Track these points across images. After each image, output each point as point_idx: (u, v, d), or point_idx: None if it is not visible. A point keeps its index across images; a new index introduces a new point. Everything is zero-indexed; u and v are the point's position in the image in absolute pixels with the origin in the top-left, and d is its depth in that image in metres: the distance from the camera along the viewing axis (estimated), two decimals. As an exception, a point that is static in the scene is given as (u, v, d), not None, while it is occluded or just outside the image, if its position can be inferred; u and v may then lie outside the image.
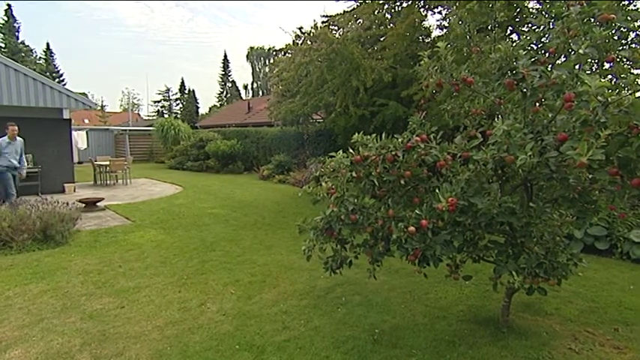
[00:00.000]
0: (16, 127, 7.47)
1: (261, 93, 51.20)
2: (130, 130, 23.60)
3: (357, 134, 3.16)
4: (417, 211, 2.77)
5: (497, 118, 2.70)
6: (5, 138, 7.41)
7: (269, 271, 4.91)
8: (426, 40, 9.60)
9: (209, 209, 8.88)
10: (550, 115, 2.66)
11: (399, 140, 3.00)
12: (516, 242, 2.98)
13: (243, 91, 56.03)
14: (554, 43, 2.65)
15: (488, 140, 2.67)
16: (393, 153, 2.96)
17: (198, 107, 51.94)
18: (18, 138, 7.54)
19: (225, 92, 56.87)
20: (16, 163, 7.41)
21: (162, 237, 6.50)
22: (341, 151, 3.16)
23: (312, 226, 3.24)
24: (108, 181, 13.19)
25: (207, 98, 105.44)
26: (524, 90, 2.69)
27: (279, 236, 6.61)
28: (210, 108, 53.79)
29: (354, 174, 3.07)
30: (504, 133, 2.50)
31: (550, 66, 2.68)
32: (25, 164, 7.75)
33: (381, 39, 9.70)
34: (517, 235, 2.95)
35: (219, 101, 57.01)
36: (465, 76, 3.02)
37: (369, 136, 3.14)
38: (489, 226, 2.87)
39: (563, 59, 2.73)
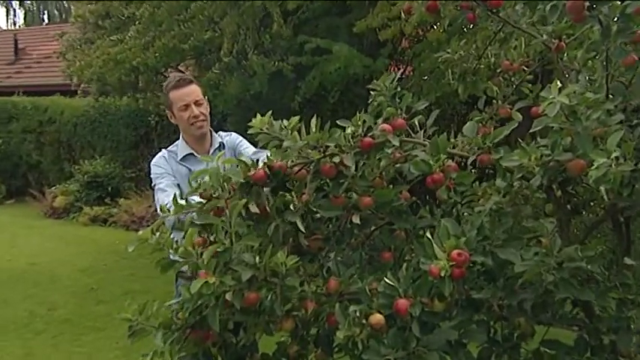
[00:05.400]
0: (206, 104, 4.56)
1: (46, 18, 50.44)
2: None
3: (258, 117, 3.15)
4: (387, 280, 2.77)
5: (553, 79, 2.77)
6: (176, 147, 4.76)
7: None
8: None
9: None
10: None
11: (349, 131, 3.02)
12: (600, 343, 3.06)
13: (1, 13, 55.09)
14: None
15: (533, 126, 2.74)
16: (337, 161, 2.95)
17: None
18: (234, 135, 5.10)
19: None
20: None
21: None
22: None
23: (161, 322, 3.17)
24: None
25: None
26: (606, 22, 2.78)
27: (89, 348, 6.73)
28: None
29: (252, 206, 3.03)
30: (566, 110, 2.57)
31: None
32: None
33: None
34: (600, 326, 3.03)
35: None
36: (487, -8, 3.10)
37: (285, 121, 3.14)
38: (540, 309, 2.94)
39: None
